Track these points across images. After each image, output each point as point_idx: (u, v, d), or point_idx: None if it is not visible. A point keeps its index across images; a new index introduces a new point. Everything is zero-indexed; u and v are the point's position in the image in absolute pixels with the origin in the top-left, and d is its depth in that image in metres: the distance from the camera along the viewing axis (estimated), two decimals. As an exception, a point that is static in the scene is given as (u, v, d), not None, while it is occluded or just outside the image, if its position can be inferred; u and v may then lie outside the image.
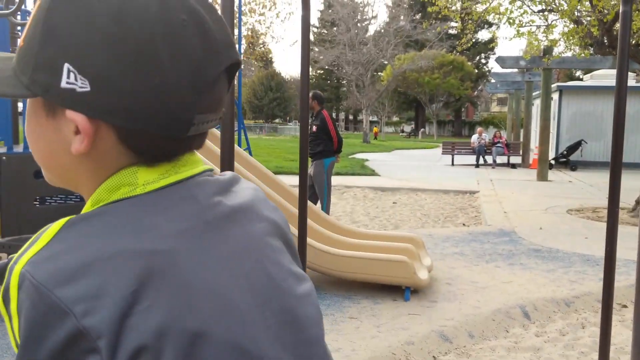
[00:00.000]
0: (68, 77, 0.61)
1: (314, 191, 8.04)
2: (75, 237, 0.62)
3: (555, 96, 20.33)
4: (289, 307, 0.70)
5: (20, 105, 6.25)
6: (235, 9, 9.85)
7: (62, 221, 0.64)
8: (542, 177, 15.73)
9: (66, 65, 0.61)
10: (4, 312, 0.62)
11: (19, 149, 5.02)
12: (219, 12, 2.22)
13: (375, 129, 46.57)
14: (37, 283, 0.58)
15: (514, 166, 20.26)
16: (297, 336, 0.69)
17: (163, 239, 0.62)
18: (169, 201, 0.66)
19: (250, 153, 8.01)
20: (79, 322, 0.56)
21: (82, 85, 0.61)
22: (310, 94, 8.16)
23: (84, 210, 0.67)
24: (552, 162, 18.97)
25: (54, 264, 0.59)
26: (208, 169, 0.73)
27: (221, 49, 0.66)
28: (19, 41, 0.67)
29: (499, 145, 20.61)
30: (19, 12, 4.15)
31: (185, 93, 0.63)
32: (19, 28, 5.14)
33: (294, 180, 8.12)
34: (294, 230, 5.13)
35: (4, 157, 4.71)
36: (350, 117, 69.48)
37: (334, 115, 60.06)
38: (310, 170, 8.04)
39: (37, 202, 5.32)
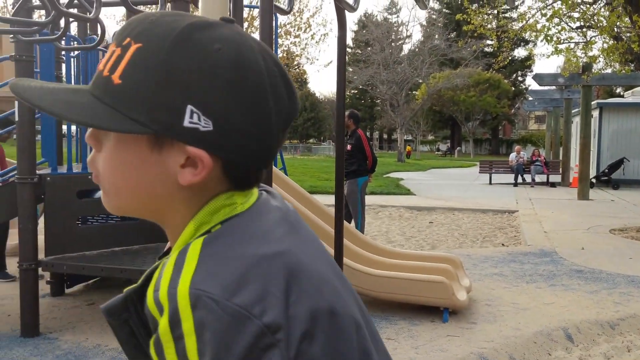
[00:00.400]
0: (191, 117, 0.69)
1: (348, 210, 8.03)
2: (219, 253, 0.69)
3: (595, 113, 19.93)
4: (347, 284, 0.82)
5: (64, 127, 6.43)
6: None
7: (197, 243, 0.70)
8: (583, 196, 15.39)
9: (189, 107, 0.69)
10: (168, 338, 0.66)
11: (62, 169, 5.15)
12: (258, 33, 2.26)
13: (408, 148, 46.36)
14: (215, 297, 0.64)
15: (553, 185, 19.88)
16: (360, 306, 0.81)
17: (280, 241, 0.73)
18: (264, 213, 0.77)
19: (285, 172, 8.05)
20: (261, 321, 0.64)
21: (205, 125, 0.69)
22: (347, 113, 8.20)
23: (187, 234, 0.74)
24: (594, 180, 18.55)
25: (219, 279, 0.66)
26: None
27: (294, 96, 0.78)
28: (112, 78, 0.71)
29: (537, 163, 20.26)
30: (63, 38, 4.30)
31: (279, 133, 0.75)
32: (63, 53, 5.30)
33: (328, 199, 8.10)
34: (330, 249, 5.12)
35: (49, 178, 4.84)
36: (385, 136, 69.35)
37: (368, 134, 60.03)
38: (344, 189, 8.05)
39: (79, 222, 5.44)
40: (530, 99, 29.21)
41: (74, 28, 6.22)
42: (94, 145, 0.77)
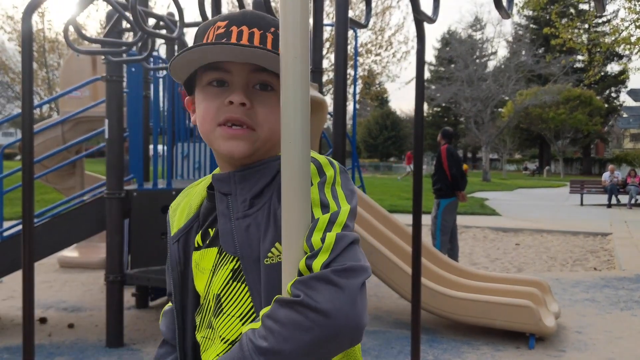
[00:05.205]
0: None
1: (452, 245, 7.80)
2: None
3: (698, 130, 18.61)
4: None
5: (150, 147, 6.69)
6: (352, 50, 10.02)
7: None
8: (685, 218, 14.33)
9: None
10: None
11: (148, 185, 5.33)
12: (335, 53, 2.23)
13: (465, 166, 45.11)
14: None
15: (651, 207, 18.69)
16: None
17: None
18: None
19: (364, 191, 7.99)
20: None
21: None
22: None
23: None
24: (697, 202, 17.27)
25: None
26: None
27: None
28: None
29: (635, 184, 19.13)
30: (150, 58, 4.47)
31: None
32: (151, 73, 5.52)
33: (409, 219, 7.95)
34: (408, 269, 4.98)
35: (135, 193, 5.02)
36: (469, 154, 67.86)
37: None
38: None
39: (164, 236, 5.60)
40: (625, 115, 27.72)
41: (163, 50, 6.48)
42: (249, 102, 1.04)
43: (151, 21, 4.33)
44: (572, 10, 44.39)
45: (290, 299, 0.87)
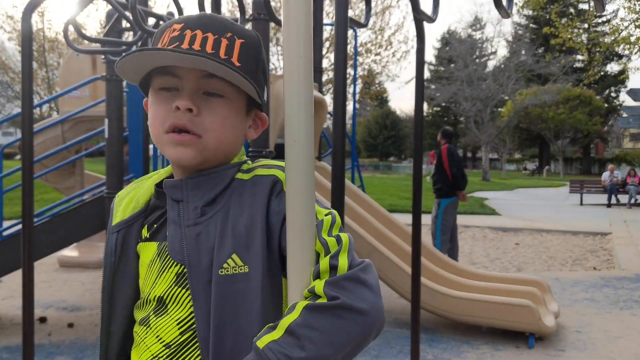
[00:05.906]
0: (265, 96, 1.14)
1: (452, 245, 7.80)
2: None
3: (698, 130, 18.61)
4: None
5: (151, 147, 6.69)
6: (352, 50, 10.01)
7: (267, 161, 1.15)
8: (684, 218, 14.33)
9: (266, 86, 1.14)
10: None
11: (148, 185, 5.33)
12: (334, 53, 2.23)
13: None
14: None
15: (651, 206, 18.69)
16: None
17: None
18: None
19: (363, 190, 7.99)
20: None
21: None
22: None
23: (244, 159, 1.14)
24: (697, 201, 17.29)
25: None
26: None
27: None
28: (232, 60, 1.04)
29: (634, 184, 19.15)
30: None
31: None
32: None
33: (409, 218, 7.92)
34: (408, 268, 4.98)
35: (135, 193, 5.02)
36: (469, 154, 67.83)
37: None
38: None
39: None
40: (625, 115, 27.71)
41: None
42: (197, 109, 1.04)
43: (151, 21, 4.32)
44: (571, 10, 44.40)
45: (328, 304, 0.89)
